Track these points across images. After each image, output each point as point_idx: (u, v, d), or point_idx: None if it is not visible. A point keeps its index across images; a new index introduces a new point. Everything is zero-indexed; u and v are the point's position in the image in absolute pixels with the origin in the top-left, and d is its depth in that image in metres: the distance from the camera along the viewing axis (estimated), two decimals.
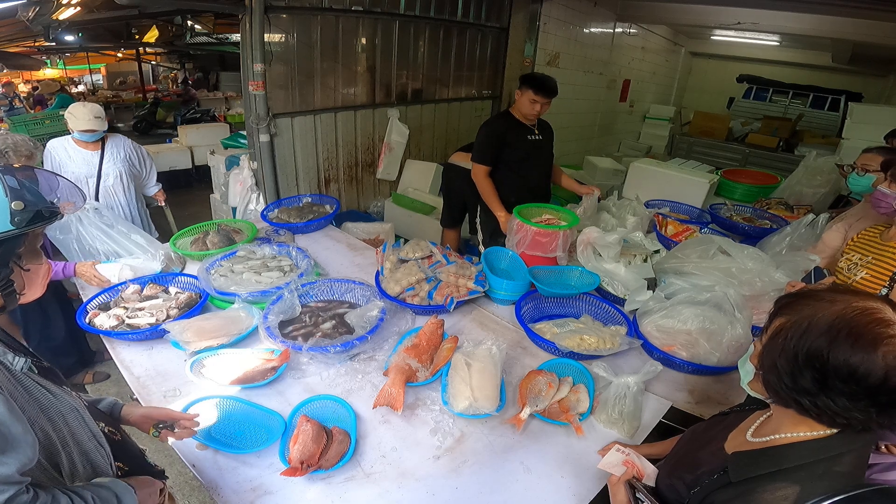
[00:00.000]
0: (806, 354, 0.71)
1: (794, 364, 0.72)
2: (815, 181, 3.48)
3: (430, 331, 1.66)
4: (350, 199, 4.24)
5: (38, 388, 0.82)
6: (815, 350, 0.70)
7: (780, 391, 0.76)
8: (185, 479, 2.06)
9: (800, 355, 0.71)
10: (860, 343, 0.66)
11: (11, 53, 10.71)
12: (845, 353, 0.67)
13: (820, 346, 0.69)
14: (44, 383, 0.84)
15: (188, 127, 6.60)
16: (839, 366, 0.67)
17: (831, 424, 0.74)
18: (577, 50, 5.59)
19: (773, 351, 0.76)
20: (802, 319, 0.73)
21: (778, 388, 0.76)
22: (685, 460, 0.99)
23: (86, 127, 2.60)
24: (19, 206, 0.78)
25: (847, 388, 0.68)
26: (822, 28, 4.80)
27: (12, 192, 0.79)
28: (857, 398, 0.68)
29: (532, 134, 2.72)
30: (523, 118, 2.69)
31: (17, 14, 5.59)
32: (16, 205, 0.78)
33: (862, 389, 0.67)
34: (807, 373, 0.71)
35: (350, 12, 3.54)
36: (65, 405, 0.85)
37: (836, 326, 0.69)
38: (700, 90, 9.83)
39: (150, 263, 2.08)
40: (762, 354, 0.79)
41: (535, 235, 2.15)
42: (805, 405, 0.73)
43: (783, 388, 0.75)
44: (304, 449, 1.19)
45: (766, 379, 0.78)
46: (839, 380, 0.68)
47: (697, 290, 1.81)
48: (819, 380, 0.70)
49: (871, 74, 7.49)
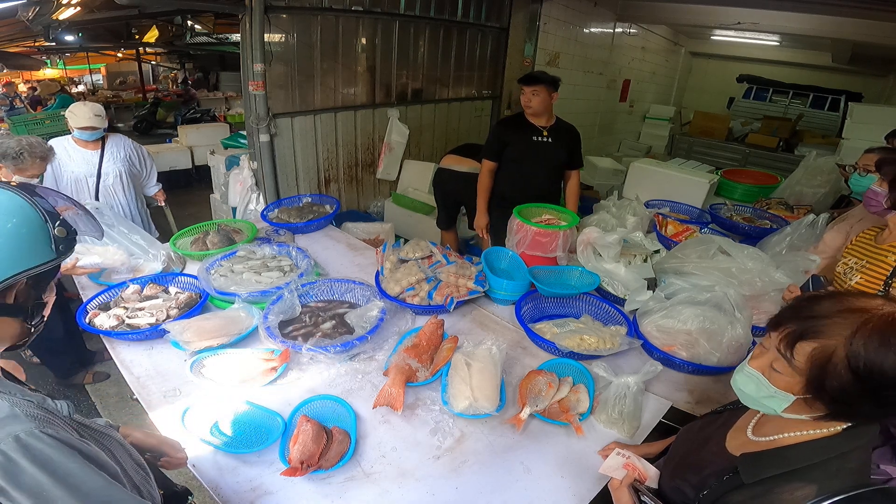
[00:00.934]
0: (881, 373, 0.68)
1: (870, 384, 0.69)
2: (815, 181, 3.47)
3: (430, 331, 1.65)
4: (350, 199, 4.24)
5: (88, 430, 0.77)
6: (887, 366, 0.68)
7: (864, 413, 0.74)
8: (186, 479, 2.06)
9: (875, 376, 0.69)
10: None
11: (11, 53, 10.72)
12: None
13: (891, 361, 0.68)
14: (87, 421, 0.79)
15: (188, 127, 6.61)
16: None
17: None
18: (577, 50, 5.59)
19: (833, 378, 0.72)
20: (854, 341, 0.70)
21: (859, 410, 0.73)
22: (687, 461, 0.99)
23: (85, 124, 2.60)
24: (62, 232, 0.73)
25: None
26: (822, 28, 4.80)
27: (51, 217, 0.73)
28: None
29: (539, 135, 2.71)
30: (532, 118, 2.71)
31: (17, 14, 5.58)
32: (59, 231, 0.72)
33: None
34: (891, 391, 0.69)
35: (350, 12, 3.54)
36: (111, 440, 0.81)
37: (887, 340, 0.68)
38: (700, 90, 9.84)
39: (151, 263, 2.08)
40: (811, 383, 0.74)
41: (535, 235, 2.15)
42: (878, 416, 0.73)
43: (868, 409, 0.73)
44: (304, 449, 1.19)
45: (839, 408, 0.74)
46: None
47: (697, 290, 1.81)
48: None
49: (871, 74, 7.49)
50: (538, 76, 2.64)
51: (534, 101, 2.63)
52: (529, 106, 2.65)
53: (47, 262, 0.71)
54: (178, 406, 1.37)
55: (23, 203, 0.70)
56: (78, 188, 2.73)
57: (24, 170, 2.13)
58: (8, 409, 0.66)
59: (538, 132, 2.71)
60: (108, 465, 0.71)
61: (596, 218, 2.68)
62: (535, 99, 2.62)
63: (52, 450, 0.64)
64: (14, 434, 0.63)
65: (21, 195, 0.71)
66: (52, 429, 0.66)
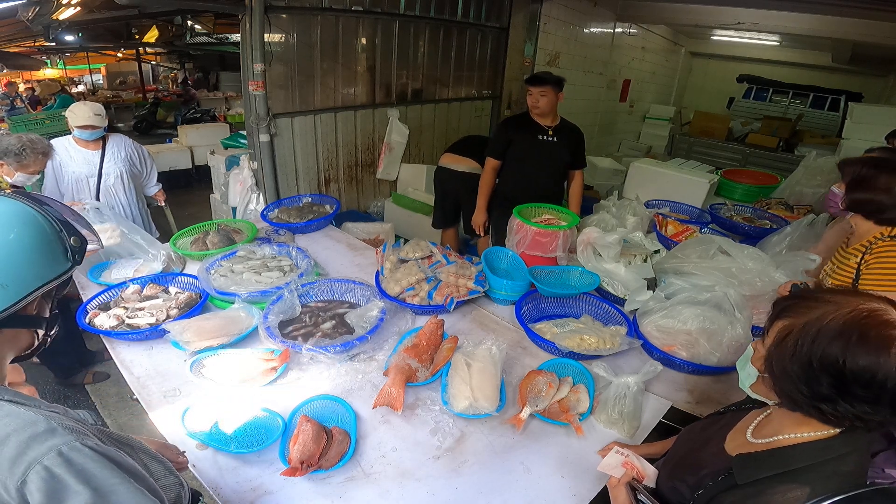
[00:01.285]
0: (820, 361, 0.69)
1: (810, 370, 0.71)
2: (815, 181, 3.47)
3: (430, 331, 1.65)
4: (350, 199, 4.24)
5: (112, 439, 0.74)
6: (830, 356, 0.69)
7: (797, 399, 0.75)
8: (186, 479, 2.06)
9: (814, 361, 0.70)
10: (873, 347, 0.66)
11: (11, 53, 10.71)
12: (862, 359, 0.66)
13: (834, 352, 0.68)
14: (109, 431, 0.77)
15: (188, 127, 6.61)
16: (857, 371, 0.67)
17: (841, 426, 0.74)
18: (577, 50, 5.59)
19: (782, 356, 0.74)
20: (810, 324, 0.72)
21: (795, 395, 0.74)
22: (686, 461, 0.99)
23: (85, 123, 2.59)
24: (77, 241, 0.72)
25: (868, 394, 0.67)
26: (822, 28, 4.80)
27: (65, 227, 0.71)
28: (878, 403, 0.68)
29: (544, 134, 2.73)
30: (538, 117, 2.73)
31: (17, 14, 5.58)
32: (74, 240, 0.71)
33: (883, 394, 0.66)
34: (824, 379, 0.70)
35: (350, 12, 3.54)
36: (137, 449, 0.79)
37: (848, 331, 0.68)
38: (700, 90, 9.84)
39: (151, 263, 2.08)
40: (768, 359, 0.78)
41: (535, 235, 2.15)
42: (825, 411, 0.72)
43: (801, 396, 0.73)
44: (304, 449, 1.19)
45: (781, 386, 0.76)
46: (859, 386, 0.67)
47: (697, 290, 1.81)
48: (837, 386, 0.69)
49: (871, 74, 7.49)
50: (545, 77, 2.66)
51: (542, 102, 2.65)
52: (537, 107, 2.67)
53: (64, 273, 0.71)
54: (178, 406, 1.37)
55: (35, 214, 0.69)
56: (79, 188, 2.72)
57: (26, 166, 2.13)
58: (45, 423, 0.63)
59: (543, 132, 2.73)
60: (146, 479, 0.69)
61: (596, 218, 2.68)
62: (543, 100, 2.65)
63: (94, 463, 0.62)
64: (57, 448, 0.60)
65: (32, 206, 0.70)
66: (91, 440, 0.64)
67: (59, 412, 0.68)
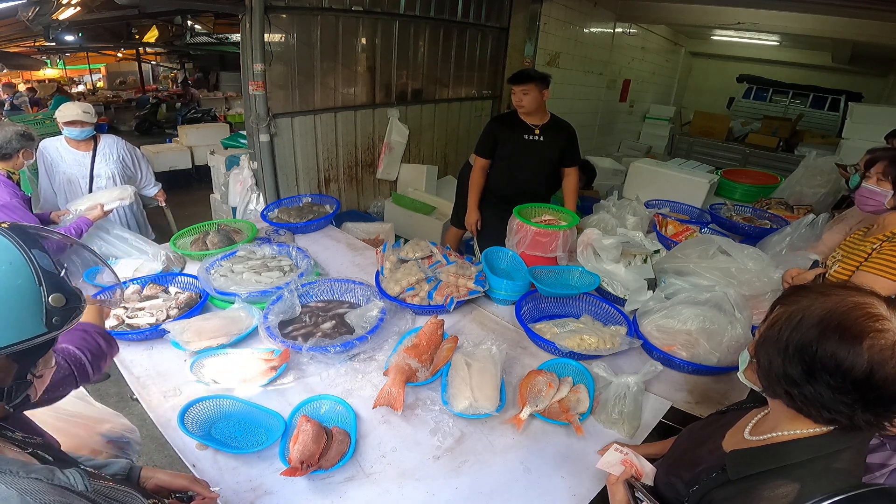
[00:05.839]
0: (796, 345, 0.71)
1: (785, 354, 0.73)
2: (815, 181, 3.48)
3: (430, 331, 1.65)
4: (350, 199, 4.24)
5: (108, 498, 0.65)
6: (804, 341, 0.71)
7: (769, 379, 0.77)
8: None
9: (790, 346, 0.72)
10: (846, 336, 0.67)
11: (11, 53, 10.70)
12: (832, 346, 0.68)
13: (810, 337, 0.70)
14: (105, 486, 0.66)
15: (188, 127, 6.61)
16: (826, 358, 0.68)
17: (818, 419, 0.75)
18: (577, 50, 5.58)
19: (767, 340, 0.77)
20: (797, 311, 0.74)
21: (768, 375, 0.77)
22: (683, 459, 0.99)
23: (71, 118, 2.56)
24: (59, 301, 0.59)
25: (833, 381, 0.68)
26: (822, 28, 4.80)
27: (48, 279, 0.58)
28: (842, 392, 0.68)
29: (530, 134, 2.70)
30: (524, 116, 2.70)
31: (17, 14, 5.58)
32: (55, 299, 0.58)
33: (847, 383, 0.67)
34: (796, 363, 0.72)
35: (350, 12, 3.54)
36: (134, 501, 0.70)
37: (827, 319, 0.70)
38: (700, 90, 9.83)
39: (151, 263, 2.08)
40: (758, 343, 0.80)
41: (535, 235, 2.15)
42: (793, 395, 0.74)
43: (773, 376, 0.76)
44: (304, 449, 1.19)
45: (762, 370, 0.79)
46: (826, 372, 0.68)
47: (697, 290, 1.81)
48: (807, 371, 0.70)
49: (871, 74, 7.49)
50: (527, 74, 2.61)
51: (525, 101, 2.61)
52: (521, 105, 2.64)
53: (32, 339, 0.57)
54: (178, 406, 1.37)
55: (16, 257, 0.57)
56: (71, 189, 2.70)
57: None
58: (18, 500, 0.52)
59: (530, 131, 2.70)
60: None
61: (596, 218, 2.67)
62: (526, 98, 2.60)
63: None
64: None
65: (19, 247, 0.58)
66: None
67: (42, 478, 0.58)
